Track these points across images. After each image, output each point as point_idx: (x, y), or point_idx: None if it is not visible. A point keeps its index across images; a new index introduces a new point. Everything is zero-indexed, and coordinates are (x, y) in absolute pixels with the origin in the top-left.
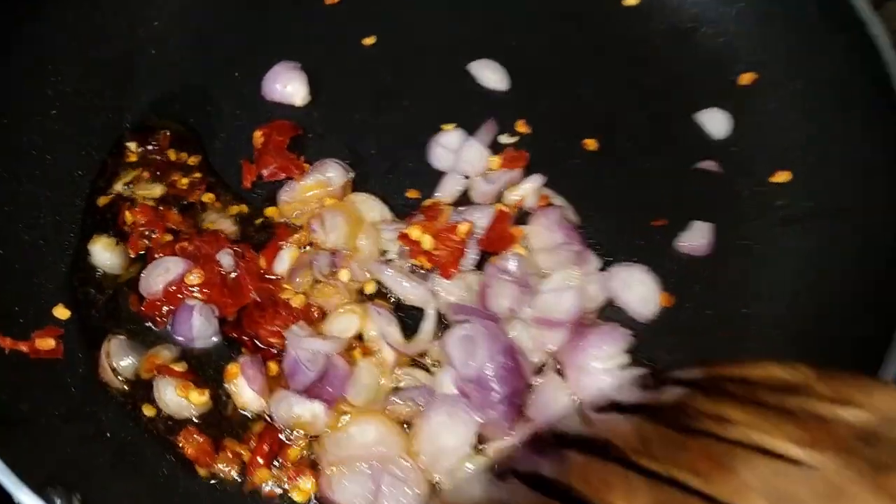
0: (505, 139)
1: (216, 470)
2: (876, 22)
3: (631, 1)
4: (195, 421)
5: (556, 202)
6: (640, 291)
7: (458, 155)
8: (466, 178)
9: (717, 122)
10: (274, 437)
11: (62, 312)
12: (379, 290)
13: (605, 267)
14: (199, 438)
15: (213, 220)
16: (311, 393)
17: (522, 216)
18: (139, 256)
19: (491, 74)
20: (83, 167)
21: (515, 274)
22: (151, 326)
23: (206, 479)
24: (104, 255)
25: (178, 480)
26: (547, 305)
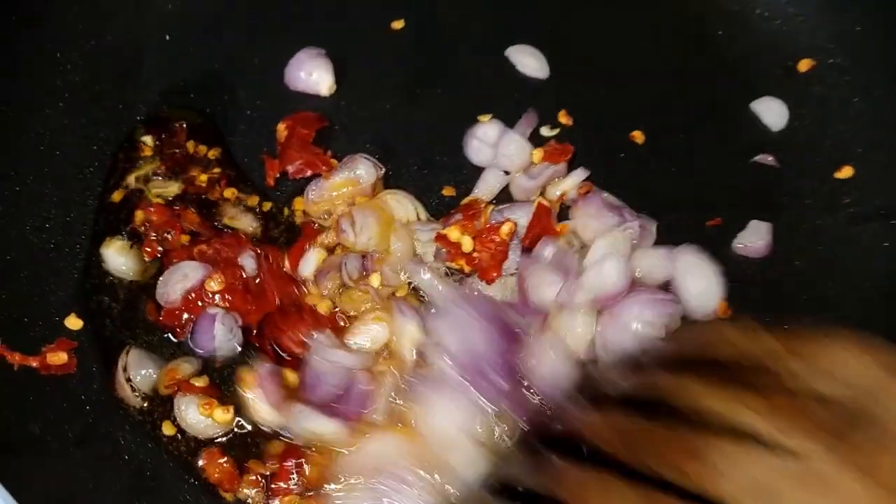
0: (546, 131)
1: (241, 494)
2: None
3: None
4: (217, 441)
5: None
6: (701, 285)
7: (496, 149)
8: (506, 173)
9: (773, 112)
10: (295, 455)
11: (74, 323)
12: (413, 293)
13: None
14: (222, 461)
15: (232, 215)
16: (331, 409)
17: (564, 211)
18: (155, 260)
19: (530, 61)
20: (93, 163)
21: (553, 260)
22: (170, 337)
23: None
24: (118, 259)
25: None
26: (593, 282)
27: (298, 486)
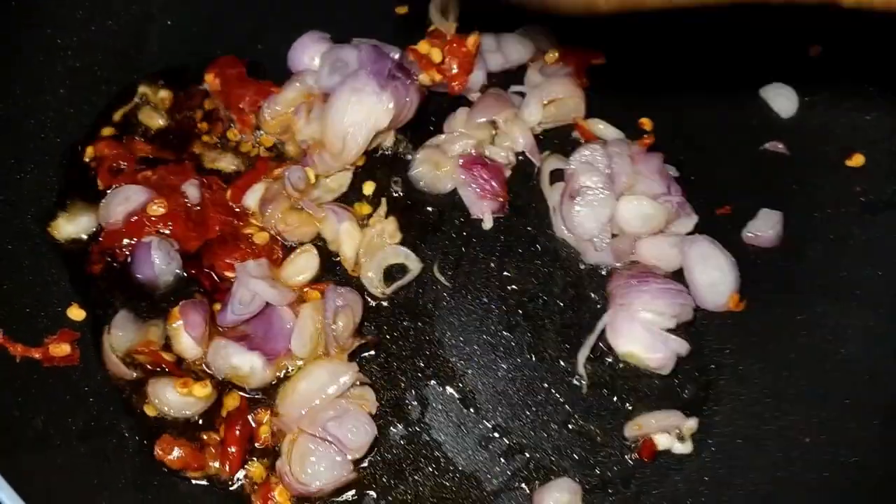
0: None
1: (211, 470)
2: None
3: None
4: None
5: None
6: (713, 275)
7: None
8: None
9: (783, 99)
10: (241, 418)
11: (77, 314)
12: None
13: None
14: (177, 446)
15: (213, 157)
16: (250, 343)
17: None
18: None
19: (538, 37)
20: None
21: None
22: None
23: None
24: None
25: (210, 495)
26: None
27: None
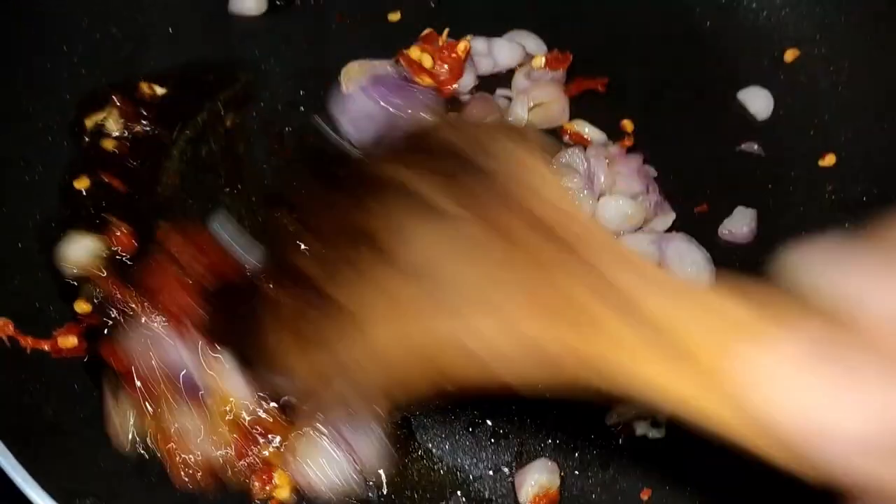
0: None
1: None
2: None
3: None
4: None
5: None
6: (689, 272)
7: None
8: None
9: (759, 101)
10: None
11: (83, 307)
12: None
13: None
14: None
15: None
16: None
17: None
18: None
19: (529, 42)
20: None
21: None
22: None
23: None
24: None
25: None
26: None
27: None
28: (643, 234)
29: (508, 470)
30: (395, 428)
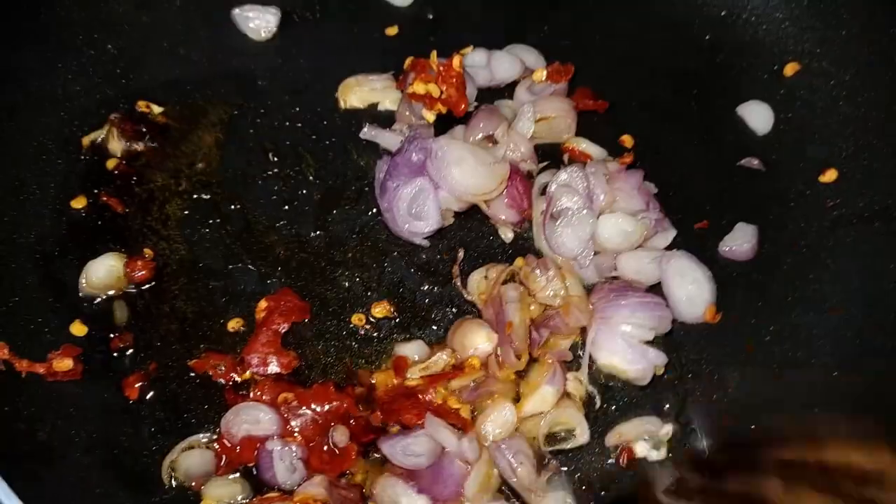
0: None
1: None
2: None
3: None
4: None
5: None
6: (690, 290)
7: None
8: None
9: (759, 116)
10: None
11: (79, 329)
12: None
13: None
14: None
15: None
16: (420, 486)
17: None
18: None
19: (527, 57)
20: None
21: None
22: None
23: None
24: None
25: None
26: (600, 236)
27: None
28: (643, 251)
29: None
30: None
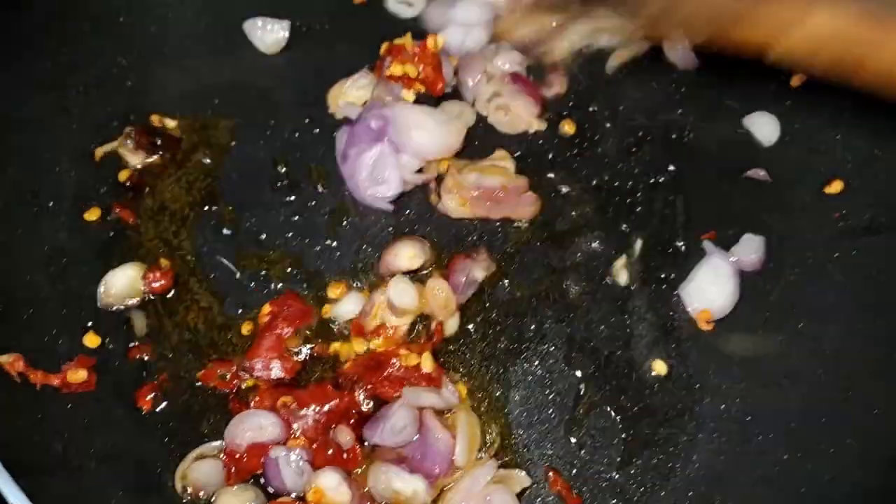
0: None
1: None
2: None
3: None
4: None
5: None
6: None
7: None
8: None
9: (766, 127)
10: None
11: (93, 340)
12: None
13: None
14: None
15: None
16: (412, 466)
17: None
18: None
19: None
20: (104, 185)
21: None
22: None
23: None
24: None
25: None
26: None
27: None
28: None
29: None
30: None
